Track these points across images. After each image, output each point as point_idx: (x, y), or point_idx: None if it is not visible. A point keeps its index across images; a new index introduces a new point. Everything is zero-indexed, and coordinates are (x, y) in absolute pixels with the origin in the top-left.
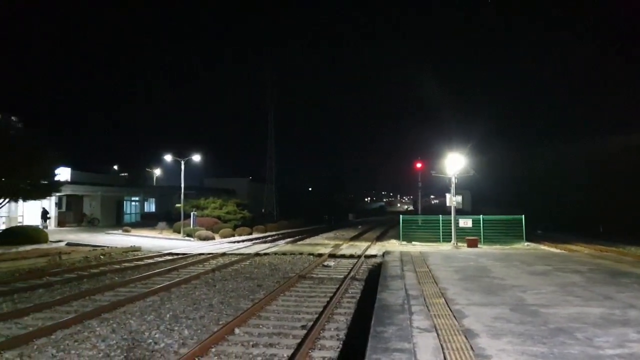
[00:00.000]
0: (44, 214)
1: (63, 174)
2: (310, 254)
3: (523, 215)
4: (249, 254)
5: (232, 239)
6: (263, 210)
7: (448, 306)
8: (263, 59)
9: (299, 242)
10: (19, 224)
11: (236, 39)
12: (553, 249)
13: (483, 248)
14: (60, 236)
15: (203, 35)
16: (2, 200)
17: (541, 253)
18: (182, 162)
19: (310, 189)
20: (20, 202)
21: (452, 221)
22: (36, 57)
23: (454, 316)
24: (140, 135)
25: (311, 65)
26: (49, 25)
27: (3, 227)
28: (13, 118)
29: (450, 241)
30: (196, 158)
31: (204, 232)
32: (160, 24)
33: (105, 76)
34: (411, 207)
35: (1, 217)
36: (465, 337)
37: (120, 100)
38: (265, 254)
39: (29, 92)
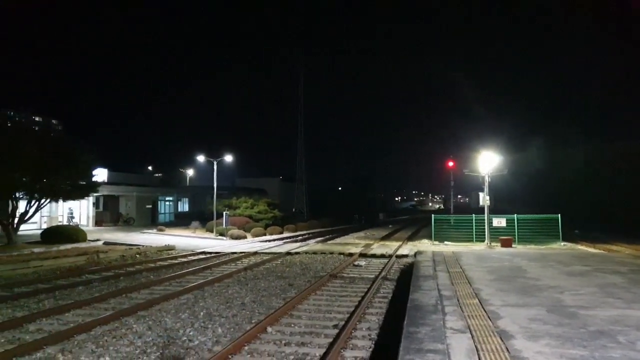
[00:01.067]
0: (70, 215)
1: (100, 174)
2: (340, 254)
3: (559, 215)
4: (280, 253)
5: (263, 238)
6: (293, 210)
7: (482, 307)
8: (294, 59)
9: (329, 242)
10: (59, 223)
11: (267, 40)
12: (591, 249)
13: (517, 248)
14: (98, 235)
15: (237, 36)
16: (43, 200)
17: (579, 253)
18: (215, 163)
19: (340, 188)
20: (60, 202)
21: (486, 220)
22: (72, 62)
23: (489, 317)
24: (174, 137)
25: (341, 65)
26: (89, 30)
27: (45, 226)
28: (54, 121)
29: (483, 241)
30: (228, 158)
31: (236, 231)
32: (196, 27)
33: (140, 79)
34: (441, 206)
35: (43, 216)
36: (501, 338)
37: (154, 103)
38: (296, 253)
39: (68, 96)
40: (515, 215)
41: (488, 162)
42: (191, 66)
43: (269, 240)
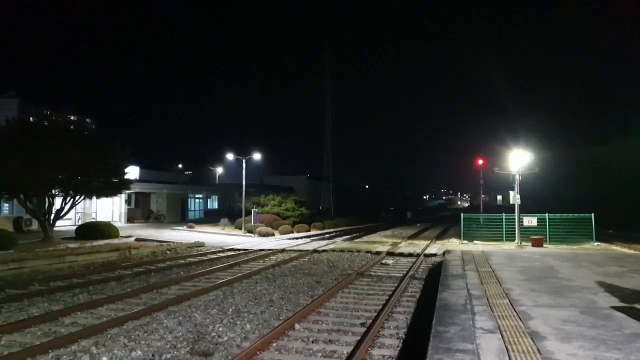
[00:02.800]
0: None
1: (132, 172)
2: (368, 252)
3: (592, 214)
4: (307, 251)
5: (290, 235)
6: (320, 208)
7: (513, 307)
8: (322, 58)
9: (356, 240)
10: (92, 220)
11: (295, 38)
12: (626, 250)
13: (549, 248)
14: (130, 232)
15: (265, 35)
16: (78, 197)
17: (613, 253)
18: (244, 161)
19: (367, 186)
20: (94, 199)
21: (516, 219)
22: (107, 61)
23: (519, 317)
24: (203, 135)
25: (370, 63)
26: (122, 28)
27: (79, 222)
28: (87, 120)
29: (513, 240)
30: (256, 157)
31: (264, 229)
32: (224, 25)
33: (171, 78)
34: (469, 204)
35: (77, 213)
36: (532, 339)
37: (185, 101)
38: (324, 251)
39: (101, 96)
40: (547, 214)
41: (519, 159)
42: (221, 65)
43: (296, 238)
